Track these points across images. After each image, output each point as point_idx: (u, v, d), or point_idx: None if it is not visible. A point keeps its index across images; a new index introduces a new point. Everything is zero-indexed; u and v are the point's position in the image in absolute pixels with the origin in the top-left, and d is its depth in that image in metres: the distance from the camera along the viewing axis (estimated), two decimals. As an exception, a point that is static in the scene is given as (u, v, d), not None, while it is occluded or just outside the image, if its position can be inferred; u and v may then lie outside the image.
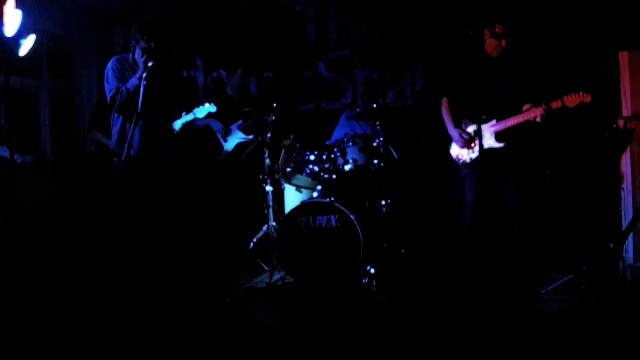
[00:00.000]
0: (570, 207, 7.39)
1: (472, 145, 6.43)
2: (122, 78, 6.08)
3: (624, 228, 6.41)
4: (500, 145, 6.25)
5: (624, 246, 6.39)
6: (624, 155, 6.52)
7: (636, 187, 6.34)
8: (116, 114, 6.17)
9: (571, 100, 5.92)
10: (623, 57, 6.64)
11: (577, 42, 7.81)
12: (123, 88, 5.97)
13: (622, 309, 5.47)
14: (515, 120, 6.20)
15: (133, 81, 5.94)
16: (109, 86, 6.09)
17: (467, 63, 6.51)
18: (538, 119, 6.06)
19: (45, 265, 7.05)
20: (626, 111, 6.51)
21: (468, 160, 6.48)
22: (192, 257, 7.00)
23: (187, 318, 5.69)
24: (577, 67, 7.69)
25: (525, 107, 6.20)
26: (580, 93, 5.89)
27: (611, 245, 6.18)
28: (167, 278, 6.19)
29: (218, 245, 7.69)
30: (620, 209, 6.70)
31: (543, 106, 6.01)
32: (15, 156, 7.24)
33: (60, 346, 5.04)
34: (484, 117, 6.21)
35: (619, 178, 6.65)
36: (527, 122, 6.15)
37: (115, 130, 6.19)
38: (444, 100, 6.71)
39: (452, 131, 6.58)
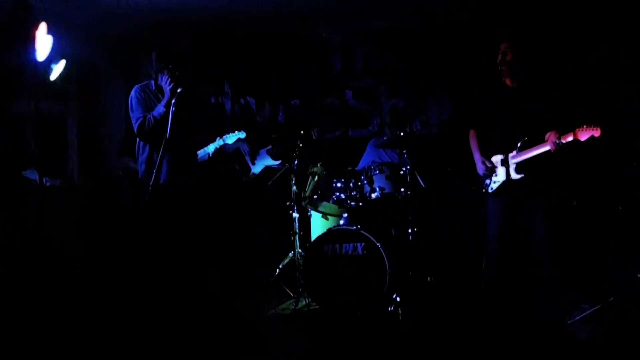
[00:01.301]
0: (597, 236, 7.37)
1: (493, 174, 6.44)
2: (147, 106, 6.12)
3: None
4: (520, 176, 6.22)
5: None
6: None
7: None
8: (142, 143, 6.19)
9: (582, 134, 5.87)
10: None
11: (605, 70, 7.81)
12: (150, 116, 6.00)
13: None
14: (534, 152, 6.17)
15: (159, 108, 5.97)
16: (135, 114, 6.12)
17: (488, 93, 6.54)
18: (552, 151, 6.03)
19: (71, 287, 7.08)
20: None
21: (489, 190, 6.48)
22: (217, 283, 7.02)
23: (212, 344, 5.69)
24: (603, 95, 7.68)
25: (547, 136, 6.18)
26: (592, 126, 5.84)
27: (639, 275, 6.15)
28: (193, 303, 6.21)
29: (244, 271, 7.71)
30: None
31: (555, 139, 5.98)
32: (44, 179, 7.30)
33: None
34: (522, 139, 6.20)
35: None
36: (547, 152, 6.12)
37: (142, 158, 6.20)
38: (472, 133, 6.72)
39: (477, 159, 6.58)
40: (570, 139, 5.92)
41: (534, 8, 8.11)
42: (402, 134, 7.35)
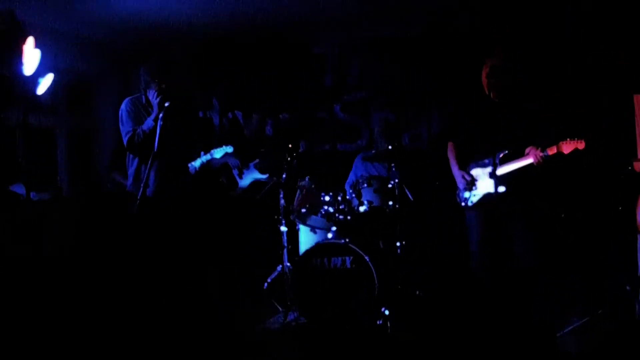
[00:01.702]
0: (585, 249, 7.38)
1: (473, 187, 6.44)
2: (137, 119, 6.13)
3: (639, 270, 6.37)
4: (502, 189, 6.21)
5: (640, 289, 6.34)
6: (639, 197, 6.50)
7: (652, 229, 6.31)
8: (132, 156, 6.21)
9: (566, 147, 5.90)
10: (638, 99, 6.64)
11: (591, 83, 7.84)
12: (139, 130, 6.01)
13: (634, 352, 5.43)
14: (515, 165, 6.18)
15: (149, 122, 5.99)
16: (125, 128, 6.14)
17: (470, 105, 6.55)
18: (535, 164, 6.05)
19: (61, 300, 7.07)
20: (642, 154, 6.51)
21: (469, 204, 6.48)
22: (205, 296, 7.00)
23: (198, 357, 5.69)
24: (588, 108, 7.70)
25: (527, 150, 6.19)
26: (575, 140, 5.86)
27: (627, 288, 6.15)
28: (180, 317, 6.20)
29: (232, 284, 7.69)
30: (637, 251, 6.66)
31: (540, 152, 6.00)
32: (32, 194, 7.28)
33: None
34: (502, 153, 6.20)
35: (635, 220, 6.62)
36: (529, 165, 6.14)
37: (131, 171, 6.23)
38: (450, 145, 6.73)
39: (456, 173, 6.60)
40: (554, 152, 5.94)
41: (520, 25, 8.14)
42: (390, 147, 7.36)
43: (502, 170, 6.20)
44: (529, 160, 6.10)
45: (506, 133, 6.21)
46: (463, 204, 6.55)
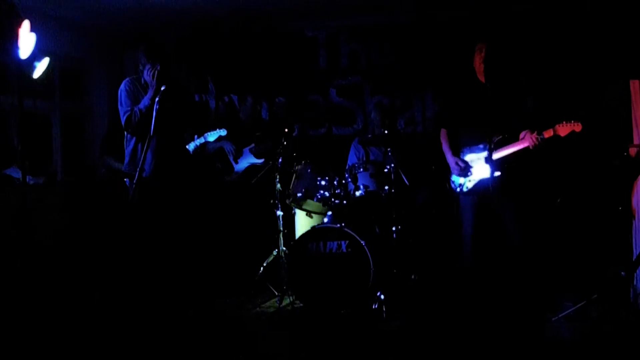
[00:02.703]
0: (581, 234, 7.40)
1: (468, 173, 6.45)
2: (135, 99, 6.14)
3: (634, 256, 6.39)
4: (497, 174, 6.21)
5: (635, 274, 6.36)
6: (635, 183, 6.51)
7: (647, 215, 6.33)
8: (129, 136, 6.21)
9: (563, 129, 5.91)
10: (634, 85, 6.63)
11: (587, 68, 7.85)
12: (136, 109, 6.03)
13: (628, 338, 5.44)
14: (511, 149, 6.19)
15: (145, 101, 6.01)
16: (123, 108, 6.15)
17: (462, 91, 6.55)
18: (530, 147, 6.06)
19: (56, 285, 7.06)
20: (638, 140, 6.50)
21: (464, 189, 6.49)
22: (201, 280, 7.00)
23: (196, 342, 5.68)
24: (585, 94, 7.71)
25: (522, 134, 6.20)
26: (572, 122, 5.88)
27: (622, 273, 6.16)
28: (176, 300, 6.20)
29: (228, 268, 7.69)
30: (631, 237, 6.68)
31: (535, 135, 6.01)
32: (27, 177, 7.26)
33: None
34: (496, 137, 6.20)
35: (630, 206, 6.64)
36: (524, 149, 6.14)
37: (127, 151, 6.24)
38: (443, 131, 6.73)
39: (450, 159, 6.60)
40: (550, 134, 5.95)
41: (515, 10, 8.13)
42: (386, 132, 7.36)
43: (497, 155, 6.20)
44: (524, 144, 6.11)
45: (500, 118, 6.21)
46: (458, 189, 6.56)
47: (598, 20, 7.81)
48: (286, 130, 7.57)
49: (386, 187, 7.08)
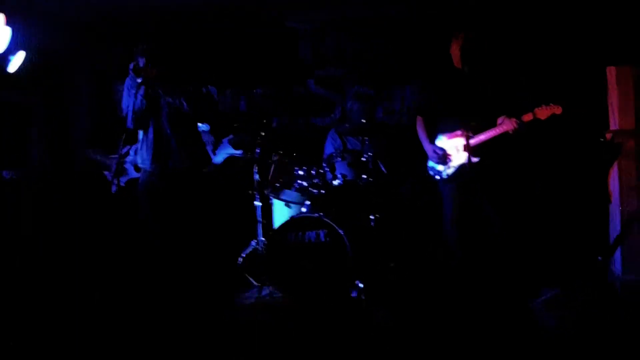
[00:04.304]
0: (558, 219, 7.42)
1: (447, 161, 6.45)
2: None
3: (611, 241, 6.41)
4: (476, 160, 6.21)
5: (612, 259, 6.38)
6: (611, 168, 6.53)
7: (623, 200, 6.34)
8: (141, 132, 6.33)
9: (542, 112, 5.93)
10: (611, 71, 6.65)
11: (563, 55, 7.86)
12: (129, 105, 6.10)
13: (613, 322, 5.46)
14: (489, 135, 6.20)
15: (128, 100, 6.08)
16: (124, 104, 6.23)
17: (439, 79, 6.55)
18: (510, 132, 6.07)
19: (34, 278, 7.05)
20: (614, 125, 6.52)
21: (444, 176, 6.49)
22: (180, 270, 6.99)
23: (175, 334, 5.68)
24: (561, 80, 7.73)
25: (500, 120, 6.21)
26: (551, 105, 5.90)
27: (599, 258, 6.18)
28: (154, 292, 6.21)
29: (206, 260, 7.67)
30: (608, 222, 6.71)
31: (515, 119, 6.02)
32: (5, 172, 7.25)
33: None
34: (473, 123, 6.19)
35: (607, 191, 6.66)
36: (503, 135, 6.15)
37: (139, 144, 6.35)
38: (419, 119, 6.73)
39: (427, 147, 6.61)
40: (530, 118, 5.96)
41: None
42: (364, 121, 7.37)
43: (475, 141, 6.20)
44: (503, 129, 6.12)
45: (477, 104, 6.23)
46: (437, 177, 6.56)
47: (575, 7, 7.81)
48: (264, 121, 7.57)
49: (364, 176, 7.09)
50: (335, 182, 7.10)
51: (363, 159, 7.13)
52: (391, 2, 8.63)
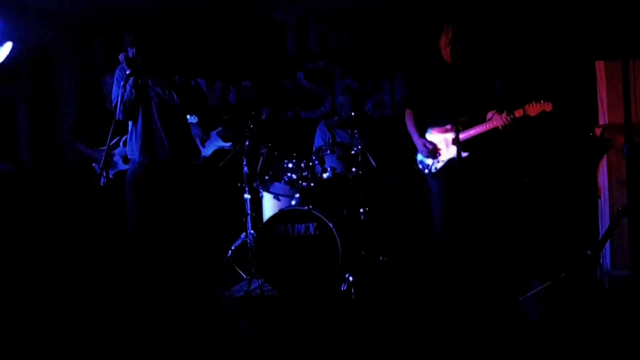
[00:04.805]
0: (547, 214, 7.44)
1: (437, 154, 6.45)
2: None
3: (601, 235, 6.42)
4: (465, 154, 6.21)
5: (602, 253, 6.40)
6: (600, 163, 6.55)
7: (613, 195, 6.35)
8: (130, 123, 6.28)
9: (533, 109, 5.93)
10: (599, 66, 6.65)
11: (552, 49, 7.87)
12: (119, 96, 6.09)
13: (599, 317, 5.47)
14: (479, 130, 6.18)
15: (118, 90, 6.07)
16: (113, 95, 6.22)
17: (430, 73, 6.54)
18: (500, 128, 6.07)
19: (24, 274, 7.02)
20: (603, 120, 6.53)
21: (434, 170, 6.48)
22: (171, 265, 6.98)
23: (164, 328, 5.66)
24: (550, 75, 7.74)
25: (489, 115, 6.20)
26: (542, 102, 5.90)
27: (589, 252, 6.19)
28: (143, 286, 6.19)
29: (195, 253, 7.66)
30: (598, 217, 6.72)
31: (505, 115, 6.03)
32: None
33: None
34: (463, 118, 6.19)
35: (596, 186, 6.68)
36: (493, 130, 6.15)
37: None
38: (408, 112, 6.71)
39: (417, 141, 6.57)
40: (520, 114, 5.96)
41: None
42: (353, 114, 7.36)
43: (465, 135, 6.21)
44: (493, 125, 6.11)
45: (467, 98, 6.23)
46: (426, 171, 6.55)
47: (563, 1, 7.83)
48: (254, 113, 7.56)
49: (353, 169, 7.09)
50: (325, 175, 7.11)
51: (352, 152, 7.13)
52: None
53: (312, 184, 7.09)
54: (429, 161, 6.50)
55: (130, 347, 5.15)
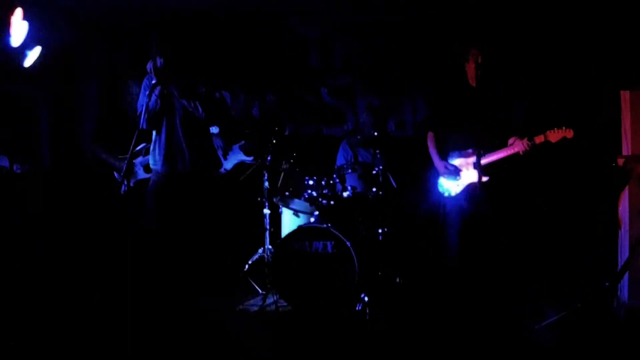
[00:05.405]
0: (566, 243, 7.41)
1: (457, 178, 6.44)
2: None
3: (619, 266, 6.40)
4: (486, 179, 6.21)
5: (620, 285, 6.37)
6: (622, 194, 6.52)
7: (632, 226, 6.33)
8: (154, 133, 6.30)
9: (554, 136, 5.93)
10: (625, 96, 6.63)
11: (579, 78, 7.85)
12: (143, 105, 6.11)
13: (615, 348, 5.46)
14: (500, 155, 6.20)
15: (143, 99, 6.08)
16: (138, 103, 6.25)
17: (451, 95, 6.54)
18: (521, 154, 6.07)
19: (42, 275, 7.03)
20: (626, 150, 6.50)
21: (454, 194, 6.48)
22: (186, 276, 6.99)
23: (178, 340, 5.66)
24: (575, 103, 7.72)
25: (511, 140, 6.21)
26: (563, 128, 5.90)
27: (607, 284, 6.17)
28: (158, 297, 6.20)
29: (213, 265, 7.67)
30: (617, 247, 6.69)
31: (526, 141, 6.02)
32: (15, 166, 7.24)
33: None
34: (482, 152, 6.19)
35: (616, 216, 6.65)
36: (513, 155, 6.15)
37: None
38: (430, 135, 6.71)
39: (438, 164, 6.58)
40: (541, 140, 5.96)
41: (508, 18, 8.12)
42: (376, 134, 7.37)
43: (486, 160, 6.21)
44: (514, 150, 6.11)
45: (490, 123, 6.23)
46: (446, 194, 6.55)
47: (590, 31, 7.81)
48: (277, 128, 7.58)
49: (374, 189, 7.11)
50: (345, 194, 7.11)
51: (374, 172, 7.13)
52: (400, 9, 8.62)
53: (332, 202, 7.09)
54: (450, 184, 6.50)
55: (138, 355, 5.18)
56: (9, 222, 6.32)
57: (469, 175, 6.37)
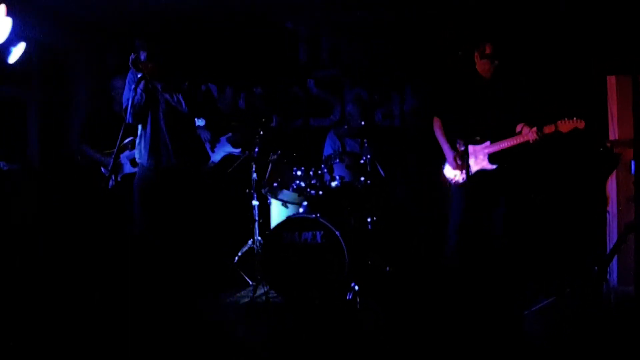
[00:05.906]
0: (555, 228, 7.42)
1: (464, 166, 6.44)
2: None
3: (608, 251, 6.41)
4: (494, 167, 6.25)
5: (608, 269, 6.38)
6: (609, 178, 6.54)
7: (621, 211, 6.35)
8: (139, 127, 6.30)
9: (565, 126, 5.95)
10: (611, 81, 6.66)
11: (565, 64, 7.86)
12: (129, 99, 6.10)
13: (605, 332, 5.46)
14: (509, 143, 6.22)
15: (129, 93, 6.08)
16: (124, 98, 6.25)
17: (459, 84, 6.54)
18: (531, 142, 6.08)
19: (30, 273, 7.02)
20: (613, 135, 6.53)
21: (460, 181, 6.49)
22: (177, 269, 6.98)
23: (165, 330, 5.66)
24: (567, 90, 7.73)
25: (519, 128, 6.22)
26: (574, 119, 5.92)
27: (596, 268, 6.18)
28: (147, 290, 6.19)
29: (202, 258, 7.66)
30: (605, 232, 6.71)
31: (536, 130, 6.04)
32: (2, 164, 7.22)
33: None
34: (477, 138, 6.22)
35: (605, 201, 6.66)
36: (523, 144, 6.17)
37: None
38: (437, 121, 6.71)
39: (448, 152, 6.58)
40: (551, 130, 5.98)
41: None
42: (363, 123, 7.37)
43: (496, 148, 6.24)
44: (524, 139, 6.13)
45: (499, 111, 6.25)
46: (453, 181, 6.56)
47: (576, 16, 7.82)
48: (263, 120, 7.57)
49: (362, 179, 7.10)
50: (333, 184, 7.10)
51: (361, 161, 7.13)
52: (389, 4, 8.62)
53: (320, 192, 7.09)
54: (456, 172, 6.50)
55: (129, 348, 5.16)
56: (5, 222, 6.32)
57: (476, 163, 6.38)
